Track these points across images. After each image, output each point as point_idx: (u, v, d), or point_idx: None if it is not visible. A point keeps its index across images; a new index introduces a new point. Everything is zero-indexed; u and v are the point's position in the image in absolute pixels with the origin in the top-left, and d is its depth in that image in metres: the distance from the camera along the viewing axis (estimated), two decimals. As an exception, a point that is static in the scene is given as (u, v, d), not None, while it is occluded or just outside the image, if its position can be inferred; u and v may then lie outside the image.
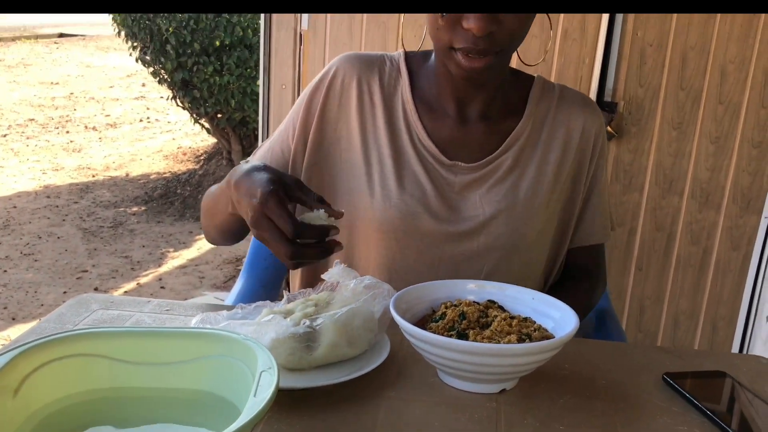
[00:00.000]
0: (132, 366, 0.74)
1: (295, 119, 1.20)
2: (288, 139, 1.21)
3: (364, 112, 1.18)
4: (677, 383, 0.88)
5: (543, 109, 1.20)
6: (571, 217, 1.23)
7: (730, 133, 2.37)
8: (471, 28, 1.00)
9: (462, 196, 1.15)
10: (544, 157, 1.18)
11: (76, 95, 8.77)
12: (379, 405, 0.81)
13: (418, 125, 1.17)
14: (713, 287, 2.51)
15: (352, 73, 1.19)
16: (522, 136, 1.18)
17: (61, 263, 4.09)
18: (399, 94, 1.19)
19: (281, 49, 2.54)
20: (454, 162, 1.15)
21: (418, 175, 1.15)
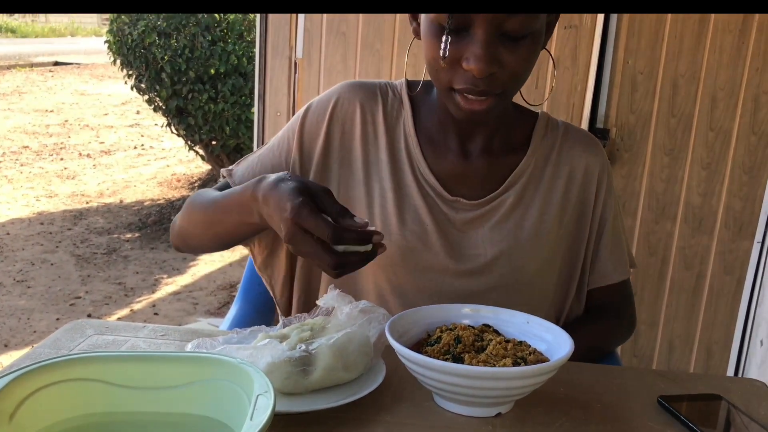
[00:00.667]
0: (128, 390, 0.73)
1: (291, 143, 1.17)
2: (279, 157, 1.17)
3: (368, 142, 1.16)
4: (672, 406, 0.88)
5: (547, 146, 1.19)
6: (578, 257, 1.20)
7: (721, 159, 2.39)
8: (471, 69, 0.97)
9: (463, 234, 1.13)
10: (547, 195, 1.16)
11: (70, 123, 8.79)
12: (376, 429, 0.81)
13: (420, 158, 1.14)
14: (707, 311, 2.51)
15: (356, 103, 1.17)
16: (525, 173, 1.16)
17: (55, 290, 4.07)
18: (401, 125, 1.17)
19: (276, 77, 2.56)
20: (456, 198, 1.13)
21: (419, 209, 1.13)
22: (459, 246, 1.13)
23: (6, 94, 10.56)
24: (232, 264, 4.55)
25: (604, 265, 1.22)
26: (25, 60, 14.03)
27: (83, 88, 11.42)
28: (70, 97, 10.55)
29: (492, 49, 0.97)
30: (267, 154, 1.19)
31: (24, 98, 10.30)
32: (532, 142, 1.18)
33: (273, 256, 1.21)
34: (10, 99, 10.18)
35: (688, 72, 2.34)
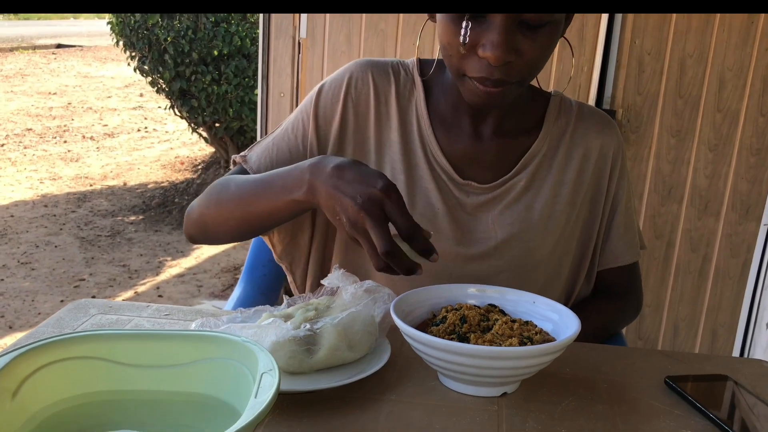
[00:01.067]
0: (131, 369, 0.73)
1: (306, 126, 1.14)
2: (295, 140, 1.15)
3: (381, 123, 1.14)
4: (679, 386, 0.88)
5: (560, 127, 1.17)
6: (591, 238, 1.19)
7: (728, 141, 2.38)
8: (487, 57, 0.94)
9: (474, 218, 1.12)
10: (559, 177, 1.15)
11: (73, 105, 8.77)
12: (380, 408, 0.81)
13: (432, 140, 1.12)
14: (713, 294, 2.51)
15: (369, 82, 1.14)
16: (538, 155, 1.14)
17: (59, 272, 4.07)
18: (413, 105, 1.15)
19: (279, 58, 2.54)
20: (468, 181, 1.12)
21: (429, 193, 1.11)
22: (469, 230, 1.12)
23: (9, 76, 10.54)
24: (235, 247, 4.55)
25: (615, 247, 1.20)
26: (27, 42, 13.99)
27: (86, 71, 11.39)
28: (73, 80, 10.53)
29: (510, 36, 0.94)
30: (281, 137, 1.16)
31: (27, 81, 10.28)
32: (545, 123, 1.16)
33: (294, 244, 1.19)
34: (12, 81, 10.16)
35: (696, 52, 2.32)
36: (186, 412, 0.73)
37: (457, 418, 0.80)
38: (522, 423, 0.80)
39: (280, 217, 1.02)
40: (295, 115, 1.18)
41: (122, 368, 0.73)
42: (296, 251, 1.19)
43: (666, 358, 0.99)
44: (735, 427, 0.80)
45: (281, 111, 2.56)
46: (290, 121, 1.18)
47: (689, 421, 0.82)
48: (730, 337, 2.54)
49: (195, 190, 5.41)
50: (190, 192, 5.42)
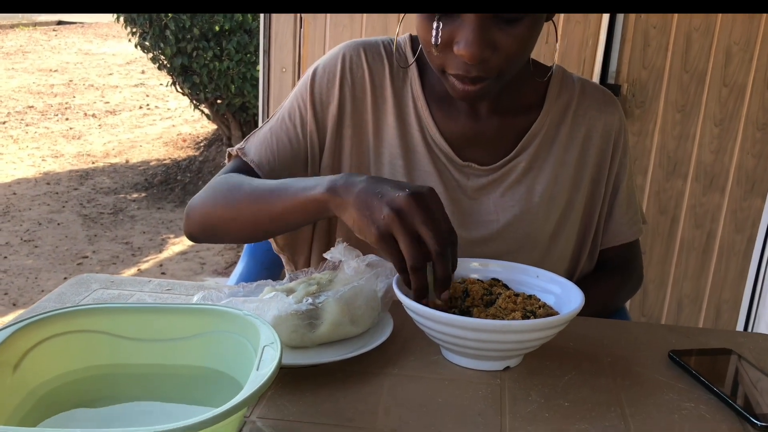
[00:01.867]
0: (133, 342, 0.73)
1: (303, 113, 1.11)
2: (294, 129, 1.11)
3: (377, 107, 1.11)
4: (683, 360, 0.88)
5: (562, 105, 1.14)
6: (593, 218, 1.18)
7: (734, 116, 2.36)
8: (462, 54, 0.92)
9: (475, 201, 1.11)
10: (561, 157, 1.13)
11: (75, 82, 8.75)
12: (383, 382, 0.81)
13: (429, 121, 1.10)
14: (717, 270, 2.50)
15: (363, 65, 1.11)
16: (539, 135, 1.12)
17: (62, 249, 4.09)
18: (408, 86, 1.11)
19: (281, 32, 2.52)
20: (467, 163, 1.10)
21: (429, 176, 1.09)
22: (470, 214, 1.10)
23: (9, 53, 10.51)
24: (238, 224, 4.55)
25: (617, 225, 1.20)
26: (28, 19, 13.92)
27: (87, 48, 11.34)
28: (75, 57, 10.49)
29: (484, 33, 0.91)
30: (279, 126, 1.12)
31: (28, 58, 10.24)
32: (546, 101, 1.13)
33: (295, 236, 1.16)
34: (13, 58, 10.12)
35: (702, 25, 2.30)
36: (188, 384, 0.73)
37: (460, 391, 0.80)
38: (525, 396, 0.80)
39: (296, 220, 0.96)
40: (291, 103, 1.14)
41: (124, 342, 0.73)
42: (298, 244, 1.17)
43: (670, 332, 0.99)
44: (738, 401, 0.79)
45: (283, 86, 2.55)
46: (286, 109, 1.14)
47: (692, 395, 0.82)
48: (734, 314, 2.54)
49: (197, 168, 5.41)
50: (192, 169, 5.41)
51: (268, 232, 1.03)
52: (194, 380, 0.73)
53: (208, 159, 5.51)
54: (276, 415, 0.74)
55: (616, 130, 1.16)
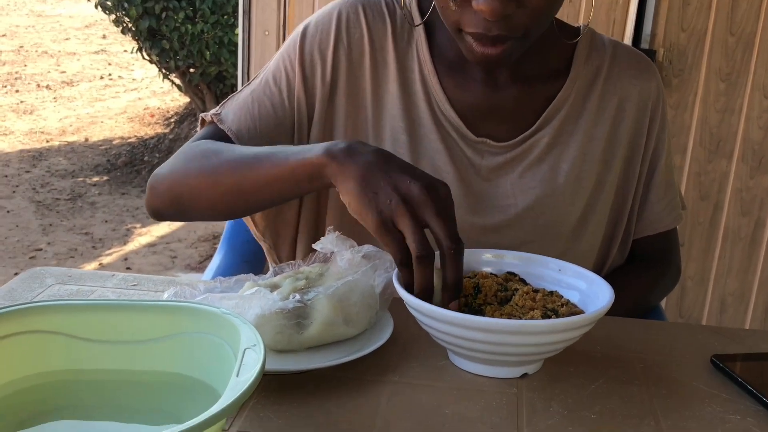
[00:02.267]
0: (94, 345, 0.73)
1: (290, 76, 1.11)
2: (279, 94, 1.11)
3: (377, 73, 1.11)
4: (727, 366, 0.88)
5: (591, 71, 1.14)
6: (626, 202, 1.18)
7: (787, 86, 2.36)
8: (482, 10, 0.91)
9: (489, 183, 1.10)
10: (590, 131, 1.13)
11: (26, 49, 8.73)
12: (381, 391, 0.81)
13: (437, 90, 1.09)
14: (766, 264, 2.51)
15: (362, 23, 1.11)
16: (565, 106, 1.12)
17: (12, 241, 4.09)
18: (413, 49, 1.11)
19: (264, -10, 2.51)
20: (482, 139, 1.09)
21: (436, 155, 1.09)
22: (484, 197, 1.10)
23: (-50, 15, 10.49)
24: (215, 212, 4.56)
25: (654, 211, 1.20)
26: (-29, -25, 13.88)
27: (40, 9, 11.31)
28: (26, 19, 10.46)
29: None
30: (261, 90, 1.12)
31: (-29, 20, 10.22)
32: (573, 66, 1.13)
33: (279, 220, 1.16)
34: (-46, 21, 10.11)
35: (750, -18, 2.30)
36: (157, 393, 0.73)
37: (471, 402, 0.80)
38: (545, 407, 0.80)
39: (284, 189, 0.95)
40: (276, 64, 1.13)
41: (84, 344, 0.73)
42: (282, 228, 1.17)
43: (712, 334, 0.99)
44: (791, 412, 0.80)
45: (266, 52, 2.54)
46: (270, 71, 1.14)
47: (739, 406, 0.82)
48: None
49: (167, 147, 5.40)
50: (161, 149, 5.41)
51: (249, 204, 1.02)
52: (165, 387, 0.73)
53: (179, 137, 5.51)
54: (259, 428, 0.74)
55: (653, 100, 1.16)
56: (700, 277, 2.54)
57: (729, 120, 2.40)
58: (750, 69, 2.35)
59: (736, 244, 2.50)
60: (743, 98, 2.38)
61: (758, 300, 2.54)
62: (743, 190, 2.45)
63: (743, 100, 2.38)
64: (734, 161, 2.43)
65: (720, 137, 2.41)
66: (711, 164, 2.44)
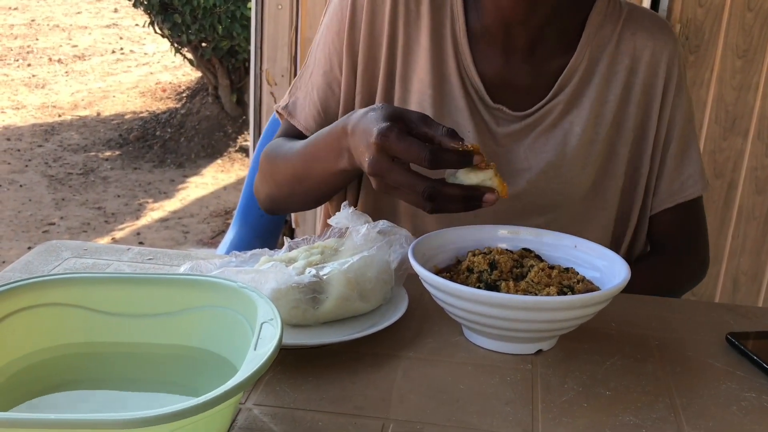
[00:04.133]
0: (112, 318, 0.74)
1: (337, 43, 1.14)
2: (334, 70, 1.15)
3: (410, 25, 1.12)
4: (743, 344, 0.88)
5: (604, 35, 1.13)
6: (640, 168, 1.16)
7: (805, 63, 2.34)
8: None
9: (504, 149, 1.11)
10: (602, 93, 1.12)
11: (38, 22, 8.71)
12: (396, 366, 0.82)
13: (466, 51, 1.10)
14: (780, 243, 2.50)
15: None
16: (578, 71, 1.12)
17: (25, 215, 4.10)
18: (448, 6, 1.12)
19: (277, -37, 2.50)
20: (498, 106, 1.10)
21: (460, 114, 1.10)
22: (499, 163, 1.09)
23: (-39, -12, 10.47)
24: (226, 187, 4.57)
25: (672, 180, 1.17)
26: (-18, -52, 13.84)
27: (51, -18, 11.28)
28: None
29: None
30: (317, 72, 1.17)
31: (-18, -7, 10.20)
32: (584, 32, 1.12)
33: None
34: (-34, -6, 10.09)
35: (769, -43, 2.27)
36: (174, 366, 0.73)
37: (485, 377, 0.81)
38: (560, 384, 0.80)
39: (331, 184, 1.09)
40: (324, 39, 1.16)
41: (101, 317, 0.73)
42: None
43: (727, 312, 0.99)
44: (806, 391, 0.80)
45: (279, 27, 2.53)
46: (319, 48, 1.17)
47: (755, 384, 0.82)
48: (799, 293, 2.54)
49: (179, 122, 5.40)
50: (173, 124, 5.41)
51: (322, 191, 1.12)
52: (182, 361, 0.73)
53: (191, 111, 5.51)
54: (275, 402, 0.74)
55: (667, 61, 1.14)
56: (713, 256, 2.51)
57: (745, 97, 2.38)
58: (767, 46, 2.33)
59: (750, 223, 2.49)
60: (760, 75, 2.35)
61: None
62: (758, 168, 2.44)
63: (760, 78, 2.36)
64: (750, 139, 2.41)
65: (736, 115, 2.39)
66: (726, 142, 2.42)
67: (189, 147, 5.03)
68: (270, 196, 1.19)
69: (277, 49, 2.55)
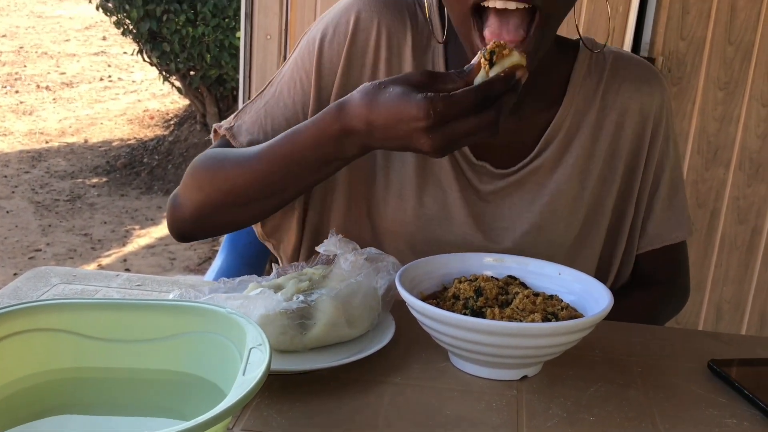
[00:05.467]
0: (101, 343, 0.74)
1: (305, 84, 1.08)
2: (293, 108, 1.08)
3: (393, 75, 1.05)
4: (724, 371, 0.89)
5: (589, 88, 1.11)
6: (623, 217, 1.15)
7: (784, 95, 2.37)
8: None
9: (489, 204, 1.09)
10: (589, 148, 1.10)
11: (26, 50, 8.72)
12: (383, 391, 0.82)
13: None
14: (763, 272, 2.52)
15: (379, 25, 1.07)
16: (562, 127, 1.10)
17: (11, 241, 4.09)
18: (430, 58, 1.08)
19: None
20: (482, 163, 1.08)
21: (442, 170, 1.07)
22: (484, 218, 1.09)
23: (-50, 15, 10.48)
24: (214, 214, 4.56)
25: (658, 224, 1.16)
26: (-29, -24, 13.86)
27: (40, 10, 11.30)
28: (26, 20, 10.45)
29: None
30: (275, 103, 1.09)
31: (-29, 20, 10.21)
32: (569, 87, 1.10)
33: (284, 219, 1.14)
34: (-45, 21, 10.09)
35: (749, -9, 2.31)
36: (163, 391, 0.73)
37: (471, 403, 0.81)
38: (545, 410, 0.81)
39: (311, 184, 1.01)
40: (290, 74, 1.10)
41: (91, 342, 0.74)
42: (286, 228, 1.15)
43: (710, 339, 1.00)
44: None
45: (268, 56, 2.55)
46: (284, 80, 1.10)
47: (736, 410, 0.83)
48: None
49: (166, 149, 5.40)
50: (160, 151, 5.41)
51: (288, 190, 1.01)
52: (171, 386, 0.73)
53: (179, 139, 5.51)
54: (262, 427, 0.75)
55: (655, 113, 1.13)
56: (696, 284, 2.54)
57: (727, 128, 2.41)
58: (748, 78, 2.37)
59: (733, 252, 2.51)
60: (741, 107, 2.39)
61: (754, 308, 2.55)
62: (740, 198, 2.46)
63: (741, 109, 2.39)
64: (731, 169, 2.44)
65: (718, 145, 2.42)
66: (708, 172, 2.45)
67: (176, 174, 5.03)
68: (202, 203, 1.04)
69: (265, 79, 2.56)
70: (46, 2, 11.92)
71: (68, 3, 11.74)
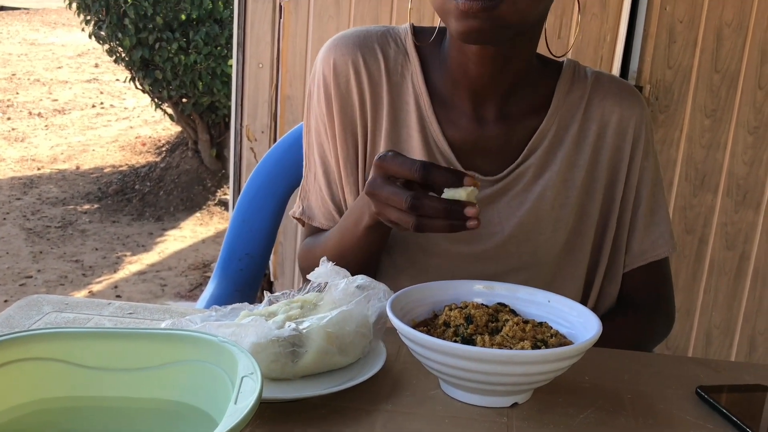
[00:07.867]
0: (93, 372, 0.74)
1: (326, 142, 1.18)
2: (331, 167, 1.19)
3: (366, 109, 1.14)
4: (713, 398, 0.89)
5: (573, 102, 1.15)
6: (607, 227, 1.18)
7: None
8: None
9: None
10: (571, 159, 1.14)
11: (18, 77, 8.73)
12: (374, 419, 0.82)
13: (433, 121, 1.12)
14: (751, 297, 2.52)
15: (353, 62, 1.14)
16: (547, 137, 1.14)
17: (2, 268, 4.07)
18: (408, 83, 1.14)
19: (258, 23, 2.54)
20: (471, 173, 1.07)
21: None
22: None
23: (-57, 42, 10.49)
24: (205, 240, 4.56)
25: (641, 241, 1.19)
26: (-35, 3, 13.91)
27: (33, 37, 11.33)
28: (18, 47, 10.48)
29: None
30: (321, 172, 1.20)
31: (-36, 48, 10.23)
32: (554, 98, 1.14)
33: None
34: (-53, 48, 10.11)
35: (734, 20, 2.34)
36: (155, 420, 0.73)
37: (462, 430, 0.81)
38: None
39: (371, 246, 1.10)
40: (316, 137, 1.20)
41: (83, 371, 0.73)
42: None
43: (698, 366, 1.00)
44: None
45: (260, 84, 2.56)
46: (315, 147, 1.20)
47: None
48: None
49: (158, 176, 5.41)
50: (152, 177, 5.41)
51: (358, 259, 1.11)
52: (163, 415, 0.73)
53: (170, 165, 5.51)
54: (254, 455, 0.75)
55: (634, 125, 1.16)
56: (685, 310, 2.56)
57: (714, 155, 2.43)
58: (734, 106, 2.39)
59: (721, 278, 2.52)
60: (728, 134, 2.41)
61: (743, 333, 2.56)
62: (728, 224, 2.48)
63: (728, 136, 2.41)
64: (719, 196, 2.46)
65: (705, 172, 2.44)
66: (696, 198, 2.46)
67: (168, 200, 5.03)
68: None
69: (257, 107, 2.58)
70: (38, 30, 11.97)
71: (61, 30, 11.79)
